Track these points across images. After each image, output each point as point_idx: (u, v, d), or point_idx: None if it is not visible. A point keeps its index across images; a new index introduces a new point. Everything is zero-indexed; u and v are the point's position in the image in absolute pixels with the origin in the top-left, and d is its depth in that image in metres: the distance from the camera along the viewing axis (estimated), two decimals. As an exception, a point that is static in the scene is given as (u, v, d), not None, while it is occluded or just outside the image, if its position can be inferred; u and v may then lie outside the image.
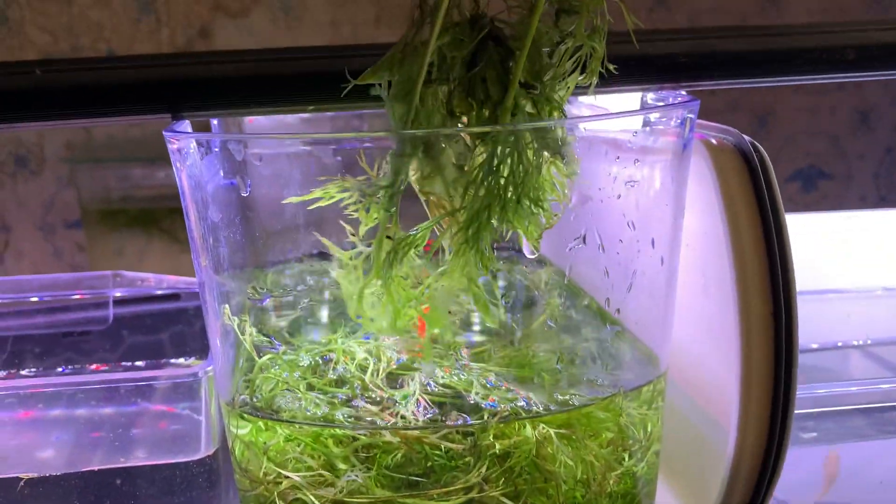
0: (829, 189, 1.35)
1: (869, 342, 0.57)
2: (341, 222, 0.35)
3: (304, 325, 0.42)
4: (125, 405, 0.42)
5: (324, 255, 0.40)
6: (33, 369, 0.52)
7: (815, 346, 0.56)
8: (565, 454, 0.35)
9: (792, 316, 0.36)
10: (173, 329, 0.53)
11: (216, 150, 0.34)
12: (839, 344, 0.57)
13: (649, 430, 0.39)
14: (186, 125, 0.36)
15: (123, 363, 0.53)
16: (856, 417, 0.49)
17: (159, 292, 0.54)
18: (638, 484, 0.39)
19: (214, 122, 0.40)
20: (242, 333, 0.38)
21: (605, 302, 0.36)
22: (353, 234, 0.35)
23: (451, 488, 0.34)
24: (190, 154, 0.35)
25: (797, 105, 1.35)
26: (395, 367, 0.39)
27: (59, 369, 0.52)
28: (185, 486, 0.40)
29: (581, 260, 0.36)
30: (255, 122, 0.43)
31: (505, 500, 0.35)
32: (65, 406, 0.42)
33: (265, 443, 0.36)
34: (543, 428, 0.36)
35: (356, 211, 0.35)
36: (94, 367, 0.52)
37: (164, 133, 0.34)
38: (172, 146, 0.35)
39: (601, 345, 0.38)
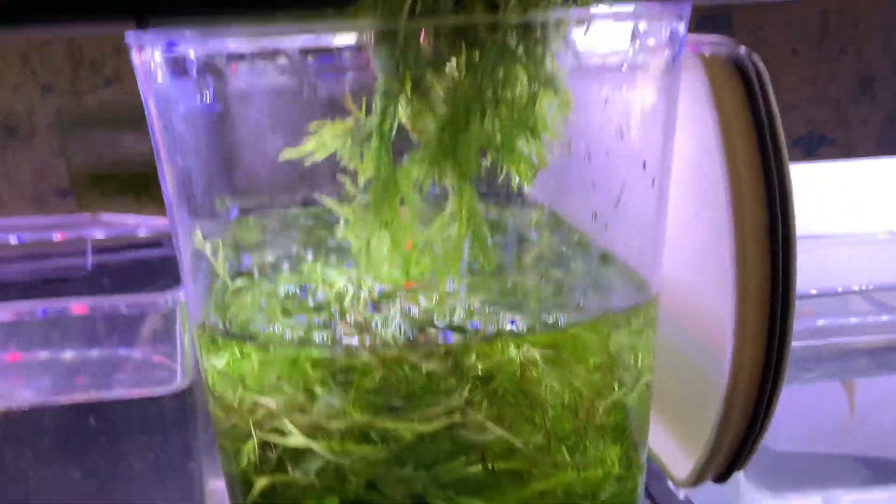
0: (831, 155, 1.33)
1: (871, 287, 0.55)
2: (338, 176, 0.33)
3: (282, 261, 0.40)
4: (98, 337, 0.40)
5: (308, 198, 0.38)
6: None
7: (814, 291, 0.54)
8: (551, 377, 0.34)
9: (790, 237, 0.34)
10: (154, 275, 0.52)
11: (183, 56, 0.33)
12: (840, 290, 0.55)
13: (640, 357, 0.37)
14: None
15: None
16: (859, 358, 0.48)
17: (141, 235, 0.53)
18: (629, 416, 0.38)
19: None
20: (215, 258, 0.36)
21: (593, 216, 0.34)
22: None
23: (432, 410, 0.33)
24: (154, 66, 0.33)
25: (799, 72, 1.33)
26: (376, 295, 0.37)
27: (38, 311, 0.51)
28: (159, 420, 0.38)
29: (566, 176, 0.34)
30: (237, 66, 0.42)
31: (488, 424, 0.34)
32: (36, 340, 0.41)
33: (239, 369, 0.35)
34: (528, 350, 0.34)
35: (351, 160, 0.33)
36: (72, 305, 0.51)
37: (126, 39, 0.32)
38: (135, 59, 0.33)
39: (588, 268, 0.37)
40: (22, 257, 0.56)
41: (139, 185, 1.16)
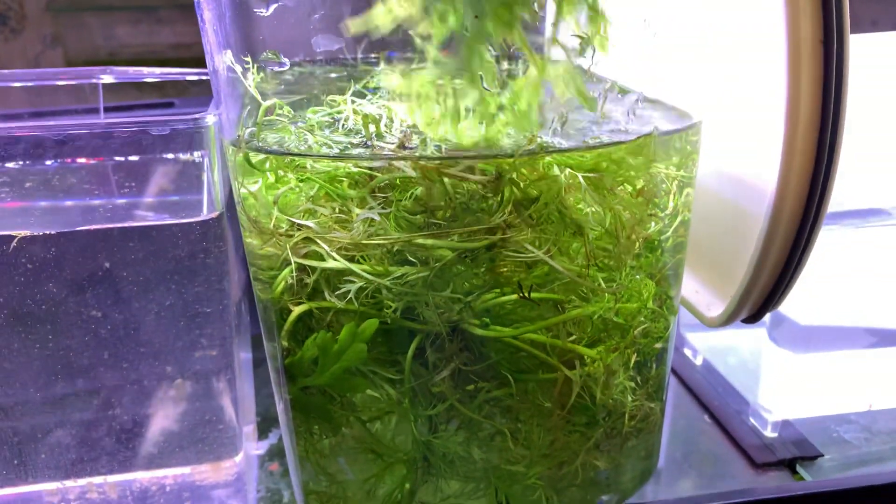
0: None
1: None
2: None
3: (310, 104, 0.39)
4: (121, 154, 0.39)
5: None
6: (21, 162, 0.49)
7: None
8: (593, 197, 0.33)
9: (844, 48, 0.33)
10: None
11: None
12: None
13: (681, 188, 0.37)
14: None
15: (117, 157, 0.50)
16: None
17: (151, 79, 0.51)
18: (666, 250, 0.37)
19: None
20: (245, 78, 0.35)
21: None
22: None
23: (473, 228, 0.32)
24: None
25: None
26: (408, 125, 0.36)
27: (49, 162, 0.49)
28: (187, 248, 0.38)
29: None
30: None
31: (528, 247, 0.33)
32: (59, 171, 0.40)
33: (274, 186, 0.34)
34: (570, 173, 0.33)
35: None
36: (84, 160, 0.49)
37: None
38: None
39: (630, 104, 0.35)
40: (31, 114, 0.54)
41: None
